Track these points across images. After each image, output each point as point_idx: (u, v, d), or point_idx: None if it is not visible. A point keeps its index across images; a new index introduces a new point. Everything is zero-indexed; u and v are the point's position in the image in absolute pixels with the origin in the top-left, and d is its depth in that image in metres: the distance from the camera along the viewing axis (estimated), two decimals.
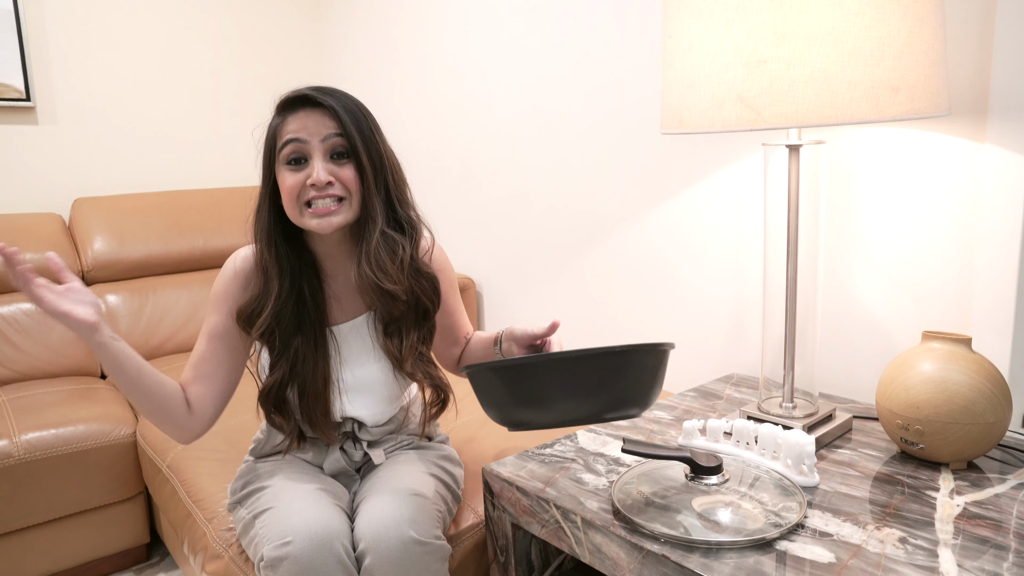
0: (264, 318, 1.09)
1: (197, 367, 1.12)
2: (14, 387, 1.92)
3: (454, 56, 2.24)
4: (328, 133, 1.04)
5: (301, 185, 1.04)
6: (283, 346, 1.11)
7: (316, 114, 1.05)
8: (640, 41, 1.69)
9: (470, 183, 2.26)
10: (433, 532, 1.02)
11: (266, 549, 0.98)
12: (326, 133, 1.04)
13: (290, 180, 1.04)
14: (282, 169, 1.06)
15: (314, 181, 1.03)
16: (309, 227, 1.06)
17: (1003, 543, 0.86)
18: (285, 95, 1.08)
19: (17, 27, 2.23)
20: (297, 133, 1.04)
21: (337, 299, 1.17)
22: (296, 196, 1.05)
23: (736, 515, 0.91)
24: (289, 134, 1.05)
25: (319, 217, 1.05)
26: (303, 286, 1.12)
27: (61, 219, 2.26)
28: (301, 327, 1.12)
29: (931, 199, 1.25)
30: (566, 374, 0.86)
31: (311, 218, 1.05)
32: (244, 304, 1.11)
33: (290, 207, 1.06)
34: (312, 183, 1.03)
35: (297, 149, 1.04)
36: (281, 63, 2.80)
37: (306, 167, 1.05)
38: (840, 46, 0.93)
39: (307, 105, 1.06)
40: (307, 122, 1.05)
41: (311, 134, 1.04)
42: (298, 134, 1.04)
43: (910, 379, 1.05)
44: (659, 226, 1.72)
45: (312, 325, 1.12)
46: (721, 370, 1.64)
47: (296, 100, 1.06)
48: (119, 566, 1.82)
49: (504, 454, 1.37)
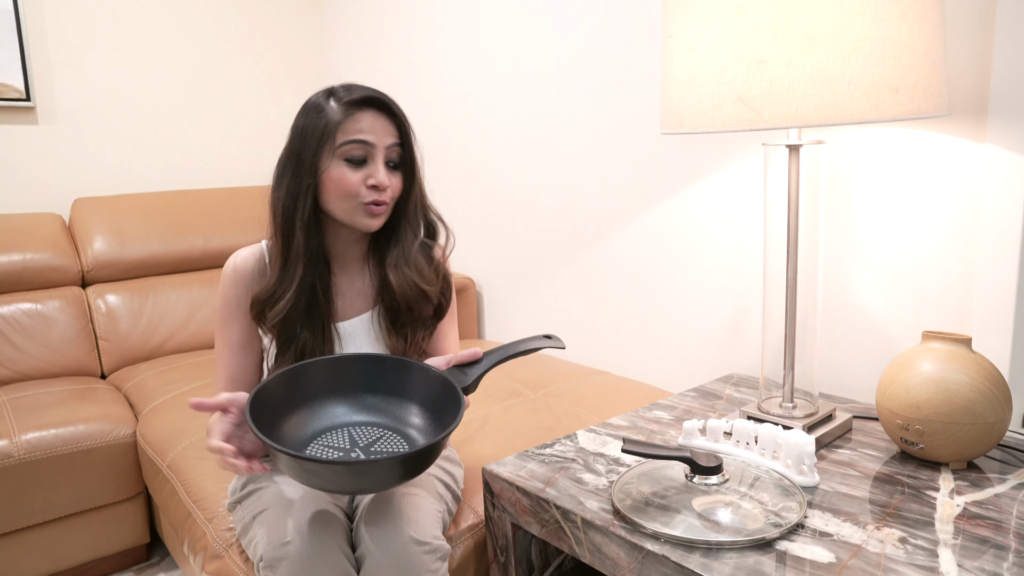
0: (283, 305, 1.09)
1: (236, 381, 1.14)
2: (14, 387, 1.92)
3: (453, 57, 2.24)
4: (393, 142, 1.09)
5: (361, 183, 1.07)
6: (291, 339, 1.12)
7: (383, 119, 1.08)
8: (640, 41, 1.69)
9: (470, 183, 2.26)
10: (432, 532, 1.02)
11: (265, 549, 0.98)
12: (391, 141, 1.09)
13: (352, 177, 1.07)
14: (339, 163, 1.07)
15: (378, 184, 1.07)
16: (355, 223, 1.09)
17: (1003, 543, 0.86)
18: (358, 92, 1.08)
19: (17, 27, 2.23)
20: (366, 135, 1.07)
21: (342, 295, 1.17)
22: (353, 195, 1.07)
23: (736, 515, 0.91)
24: (359, 133, 1.06)
25: (372, 217, 1.08)
26: (316, 279, 1.13)
27: (61, 219, 2.26)
28: (310, 320, 1.13)
29: (931, 199, 1.25)
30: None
31: (364, 216, 1.08)
32: (260, 291, 1.11)
33: (343, 201, 1.08)
34: (375, 185, 1.07)
35: (362, 150, 1.07)
36: (281, 63, 2.80)
37: (365, 167, 1.07)
38: (840, 46, 0.93)
39: (376, 108, 1.08)
40: (376, 125, 1.08)
41: (379, 138, 1.07)
42: (367, 136, 1.07)
43: (910, 379, 1.05)
44: (659, 226, 1.72)
45: (320, 319, 1.13)
46: (721, 370, 1.64)
47: (366, 100, 1.08)
48: (119, 566, 1.82)
49: (504, 454, 1.36)
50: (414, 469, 0.90)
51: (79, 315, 2.12)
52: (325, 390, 1.02)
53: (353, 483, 0.89)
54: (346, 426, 1.01)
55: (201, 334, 2.28)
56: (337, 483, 0.88)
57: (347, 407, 1.03)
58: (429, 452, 0.89)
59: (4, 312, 2.03)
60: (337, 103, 1.07)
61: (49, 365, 2.04)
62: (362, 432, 1.00)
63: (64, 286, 2.17)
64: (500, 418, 1.57)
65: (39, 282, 2.12)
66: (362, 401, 1.03)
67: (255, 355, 1.16)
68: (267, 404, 0.95)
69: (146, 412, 1.79)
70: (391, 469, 0.87)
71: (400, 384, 1.04)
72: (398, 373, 1.04)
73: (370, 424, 1.02)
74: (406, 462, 0.87)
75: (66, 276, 2.17)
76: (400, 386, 1.04)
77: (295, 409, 0.99)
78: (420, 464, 0.90)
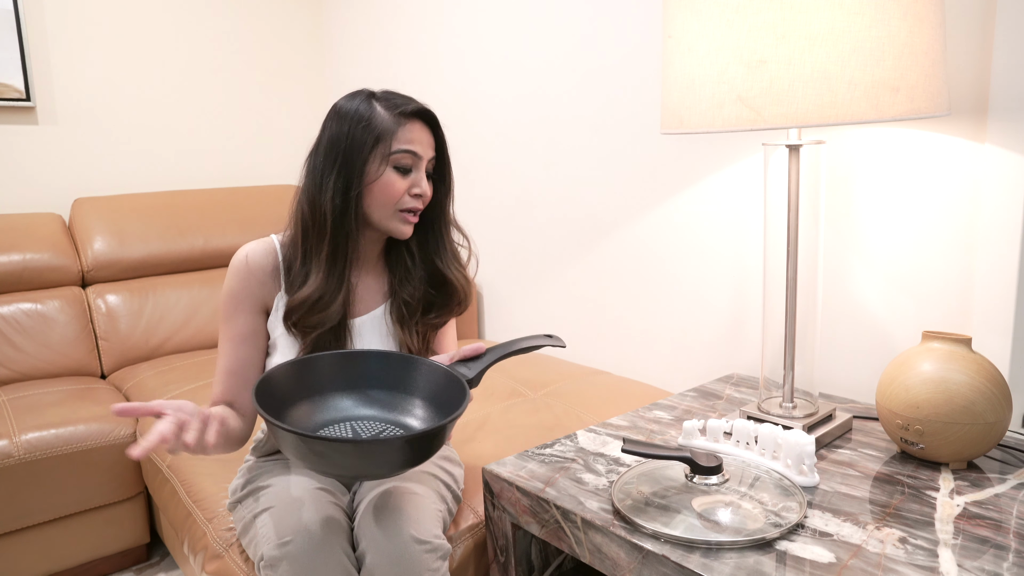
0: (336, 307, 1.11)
1: (237, 374, 1.14)
2: (14, 387, 1.92)
3: (453, 57, 2.24)
4: (432, 155, 1.15)
5: (405, 191, 1.12)
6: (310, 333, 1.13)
7: (427, 133, 1.14)
8: (640, 41, 1.69)
9: (470, 183, 2.26)
10: (433, 531, 1.02)
11: (266, 548, 0.98)
12: (432, 155, 1.15)
13: (399, 184, 1.11)
14: (388, 170, 1.11)
15: (421, 193, 1.12)
16: (390, 228, 1.13)
17: (1003, 543, 0.86)
18: (411, 104, 1.12)
19: (17, 27, 2.23)
20: (416, 146, 1.12)
21: (354, 291, 1.18)
22: (396, 201, 1.12)
23: (736, 515, 0.91)
24: (410, 144, 1.11)
25: (406, 224, 1.14)
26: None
27: (61, 219, 2.26)
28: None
29: (931, 199, 1.25)
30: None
31: (401, 222, 1.13)
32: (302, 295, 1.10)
33: (387, 206, 1.12)
34: (418, 194, 1.12)
35: (411, 160, 1.12)
36: (281, 63, 2.80)
37: (410, 176, 1.12)
38: (840, 46, 0.93)
39: (423, 120, 1.13)
40: (423, 137, 1.13)
41: (424, 150, 1.13)
42: (416, 147, 1.12)
43: (910, 379, 1.05)
44: (659, 226, 1.72)
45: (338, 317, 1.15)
46: (721, 370, 1.64)
47: (417, 113, 1.13)
48: (119, 566, 1.83)
49: (504, 454, 1.37)
50: (420, 453, 0.90)
51: (79, 315, 2.12)
52: (331, 383, 1.03)
53: (359, 464, 0.88)
54: (350, 419, 1.02)
55: (201, 334, 2.28)
56: (344, 464, 0.87)
57: (352, 400, 1.04)
58: (434, 436, 0.90)
59: (4, 312, 2.03)
60: (388, 111, 1.10)
61: (49, 365, 2.04)
62: (366, 426, 1.01)
63: (64, 286, 2.17)
64: (500, 418, 1.57)
65: (39, 282, 2.12)
66: (367, 395, 1.05)
67: (257, 349, 1.16)
68: (273, 392, 0.95)
69: None
70: (398, 451, 0.87)
71: (405, 379, 1.05)
72: (403, 369, 1.05)
73: (374, 419, 1.02)
74: (412, 443, 0.87)
75: (66, 276, 2.17)
76: (405, 381, 1.05)
77: (300, 400, 1.00)
78: (425, 448, 0.90)
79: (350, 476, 0.93)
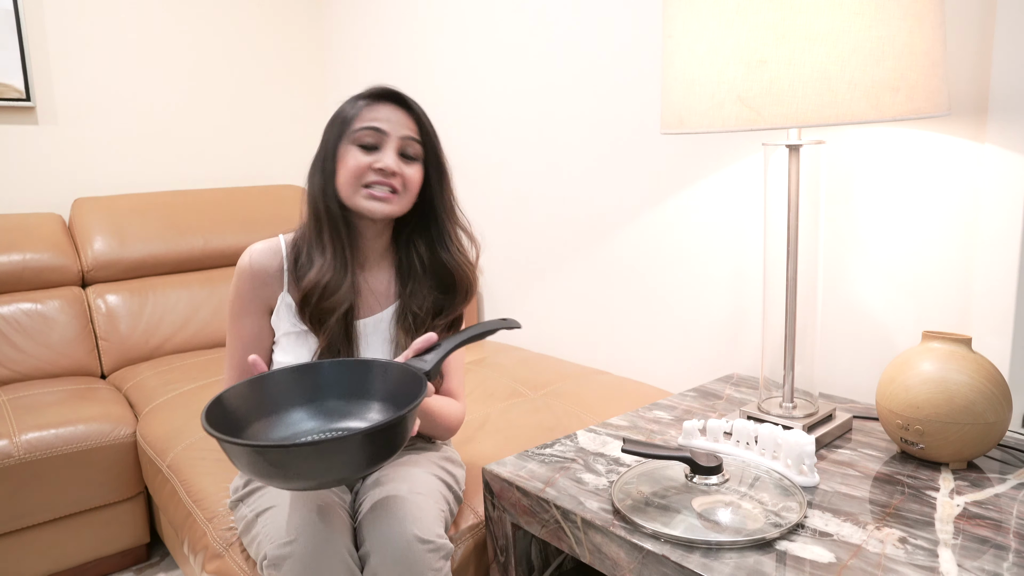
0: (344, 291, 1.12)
1: (246, 374, 1.15)
2: (14, 387, 1.92)
3: (454, 57, 2.24)
4: (407, 134, 1.13)
5: (366, 167, 1.11)
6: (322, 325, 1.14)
7: (400, 113, 1.13)
8: (640, 41, 1.69)
9: (470, 183, 2.26)
10: (436, 530, 1.02)
11: (269, 548, 0.98)
12: (406, 133, 1.13)
13: (361, 160, 1.11)
14: (350, 148, 1.11)
15: (382, 167, 1.10)
16: (359, 207, 1.12)
17: (1003, 543, 0.86)
18: (377, 87, 1.14)
19: (17, 27, 2.23)
20: (379, 123, 1.11)
21: (360, 293, 1.19)
22: (358, 176, 1.11)
23: (736, 515, 0.91)
24: (371, 121, 1.11)
25: (375, 201, 1.11)
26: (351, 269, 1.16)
27: (61, 219, 2.26)
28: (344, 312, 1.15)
29: (931, 199, 1.26)
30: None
31: (366, 199, 1.11)
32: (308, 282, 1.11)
33: (347, 185, 1.11)
34: (380, 168, 1.10)
35: (374, 136, 1.11)
36: (281, 63, 2.80)
37: (375, 153, 1.11)
38: (840, 46, 0.93)
39: (394, 102, 1.14)
40: (392, 116, 1.12)
41: (392, 127, 1.12)
42: (380, 124, 1.11)
43: (910, 379, 1.05)
44: (659, 226, 1.72)
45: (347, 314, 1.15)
46: (721, 370, 1.64)
47: (385, 95, 1.14)
48: (119, 566, 1.83)
49: (504, 454, 1.37)
50: (383, 448, 0.88)
51: (79, 315, 2.12)
52: (286, 400, 1.01)
53: (321, 468, 0.86)
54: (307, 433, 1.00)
55: (201, 334, 2.28)
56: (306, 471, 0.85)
57: (307, 413, 1.02)
58: (393, 428, 0.88)
59: (4, 312, 2.03)
60: (360, 99, 1.14)
61: (49, 365, 2.04)
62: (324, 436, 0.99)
63: (64, 286, 2.17)
64: (500, 418, 1.57)
65: (39, 282, 2.12)
66: (324, 407, 1.03)
67: (264, 348, 1.18)
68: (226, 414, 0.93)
69: (146, 412, 1.79)
70: (358, 447, 0.85)
71: (361, 384, 1.04)
72: (358, 373, 1.04)
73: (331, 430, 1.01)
74: (372, 437, 0.85)
75: (66, 276, 2.17)
76: (362, 386, 1.04)
77: (255, 420, 0.98)
78: (387, 442, 0.88)
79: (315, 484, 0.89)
